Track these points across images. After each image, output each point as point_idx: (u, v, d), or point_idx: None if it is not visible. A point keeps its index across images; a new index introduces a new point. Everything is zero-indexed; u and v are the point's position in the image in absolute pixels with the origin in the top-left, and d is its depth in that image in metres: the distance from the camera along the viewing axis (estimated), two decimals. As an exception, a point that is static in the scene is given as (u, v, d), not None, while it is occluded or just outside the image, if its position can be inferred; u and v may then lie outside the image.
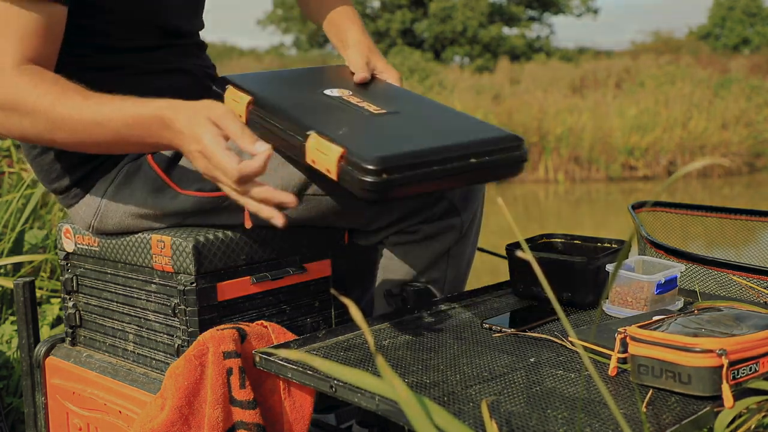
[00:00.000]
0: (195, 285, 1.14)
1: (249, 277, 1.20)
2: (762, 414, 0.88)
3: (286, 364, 1.00)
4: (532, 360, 1.02)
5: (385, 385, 0.62)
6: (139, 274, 1.22)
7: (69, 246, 1.34)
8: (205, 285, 1.15)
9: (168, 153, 1.24)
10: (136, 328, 1.24)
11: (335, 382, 0.93)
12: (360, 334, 1.13)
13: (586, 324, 1.18)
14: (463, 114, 1.18)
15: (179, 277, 1.15)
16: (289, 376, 1.00)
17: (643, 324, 0.95)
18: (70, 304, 1.35)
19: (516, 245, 1.30)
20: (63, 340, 1.38)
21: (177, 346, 1.16)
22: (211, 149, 0.98)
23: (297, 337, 1.11)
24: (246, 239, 1.20)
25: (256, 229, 1.20)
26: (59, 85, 1.09)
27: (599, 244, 1.36)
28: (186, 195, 1.22)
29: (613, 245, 1.35)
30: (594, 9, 25.54)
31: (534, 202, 9.88)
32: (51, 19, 1.12)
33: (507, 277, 1.36)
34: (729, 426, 0.86)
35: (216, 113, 1.01)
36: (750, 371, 0.88)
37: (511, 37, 23.51)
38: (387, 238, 1.31)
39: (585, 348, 1.01)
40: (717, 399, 0.86)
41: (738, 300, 1.24)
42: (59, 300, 2.19)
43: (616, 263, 0.63)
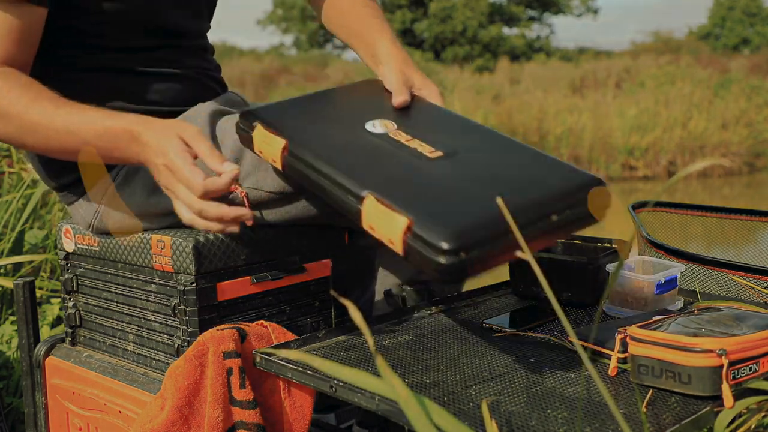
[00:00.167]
0: (195, 285, 1.14)
1: (249, 277, 1.20)
2: (762, 414, 0.88)
3: (286, 364, 1.00)
4: (532, 360, 1.02)
5: (385, 385, 0.62)
6: (139, 274, 1.22)
7: (69, 246, 1.34)
8: (205, 285, 1.15)
9: None
10: (136, 328, 1.24)
11: (335, 382, 0.93)
12: (360, 334, 1.13)
13: (586, 324, 1.18)
14: (529, 149, 1.03)
15: (179, 277, 1.15)
16: (289, 376, 1.00)
17: (643, 324, 0.95)
18: (70, 304, 1.35)
19: (516, 245, 1.30)
20: (63, 340, 1.38)
21: (177, 346, 1.16)
22: (178, 164, 1.00)
23: (297, 337, 1.11)
24: (246, 239, 1.20)
25: (256, 229, 1.20)
26: (32, 91, 1.09)
27: (599, 244, 1.36)
28: None
29: (613, 245, 1.35)
30: (594, 9, 25.57)
31: (534, 202, 9.86)
32: (28, 22, 1.10)
33: (507, 277, 1.36)
34: (729, 426, 0.86)
35: (187, 132, 1.03)
36: (750, 371, 0.88)
37: (511, 37, 23.53)
38: None
39: (585, 348, 1.01)
40: (717, 399, 0.86)
41: (738, 300, 1.24)
42: (59, 300, 2.19)
43: (616, 263, 0.63)
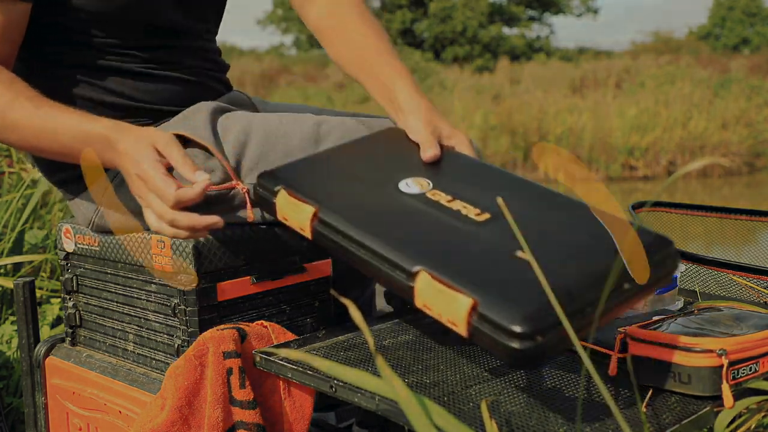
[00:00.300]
0: (195, 285, 1.14)
1: (249, 277, 1.20)
2: (762, 414, 0.88)
3: (286, 364, 1.00)
4: (532, 360, 1.02)
5: (385, 385, 0.62)
6: (139, 274, 1.22)
7: (69, 246, 1.34)
8: (205, 285, 1.15)
9: None
10: (136, 328, 1.24)
11: (335, 382, 0.93)
12: (360, 334, 1.13)
13: (586, 324, 1.18)
14: (580, 203, 0.94)
15: (179, 278, 1.15)
16: (289, 376, 1.00)
17: (643, 324, 0.95)
18: (70, 304, 1.35)
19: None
20: (63, 340, 1.38)
21: (177, 346, 1.16)
22: (150, 173, 1.01)
23: (297, 337, 1.11)
24: (246, 239, 1.20)
25: (256, 229, 1.20)
26: (13, 90, 1.10)
27: (599, 244, 1.36)
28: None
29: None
30: (594, 9, 25.60)
31: (534, 202, 9.86)
32: (10, 18, 1.10)
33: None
34: (729, 426, 0.86)
35: (161, 141, 1.04)
36: (750, 371, 0.88)
37: (511, 37, 23.55)
38: None
39: (585, 348, 1.01)
40: (717, 399, 0.86)
41: (738, 300, 1.24)
42: (59, 300, 2.19)
43: (616, 263, 0.63)
